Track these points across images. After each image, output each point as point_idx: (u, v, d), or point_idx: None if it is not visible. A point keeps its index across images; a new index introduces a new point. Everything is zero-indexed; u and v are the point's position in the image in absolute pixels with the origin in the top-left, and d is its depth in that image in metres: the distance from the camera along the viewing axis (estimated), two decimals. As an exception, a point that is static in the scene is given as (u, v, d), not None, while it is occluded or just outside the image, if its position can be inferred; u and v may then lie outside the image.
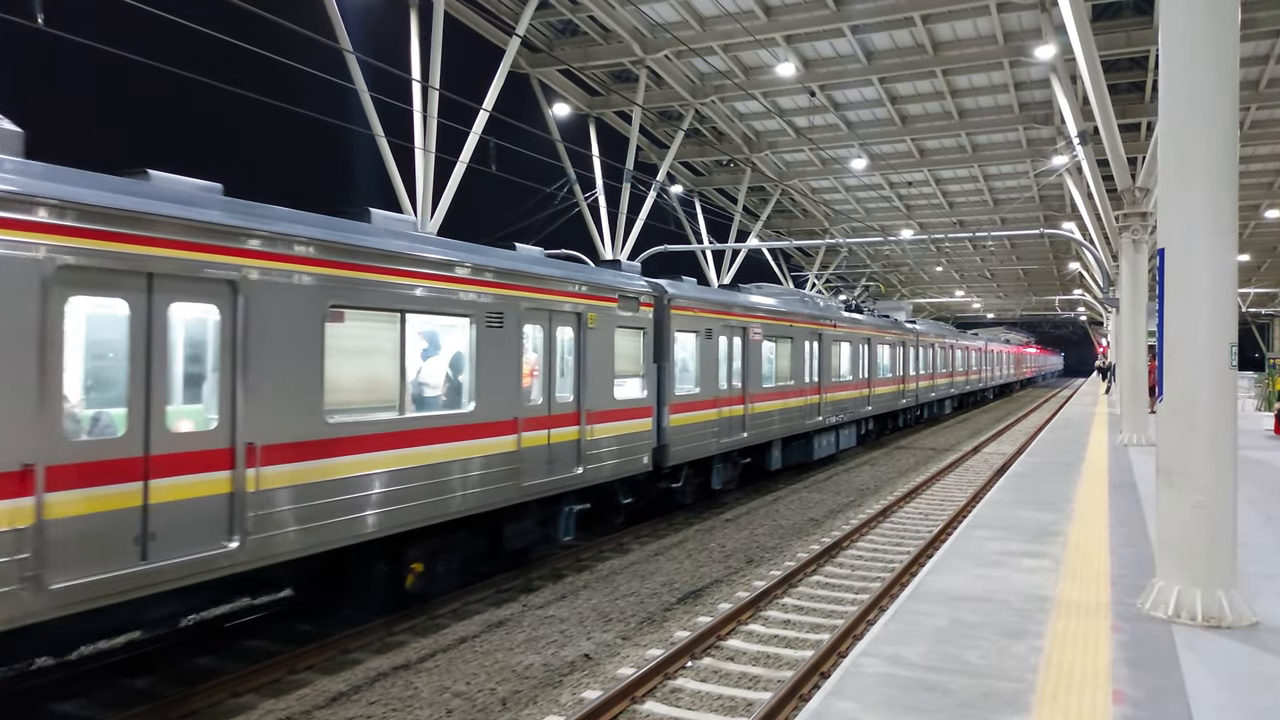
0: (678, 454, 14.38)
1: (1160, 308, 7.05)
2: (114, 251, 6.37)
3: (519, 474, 10.49)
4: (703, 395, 15.23)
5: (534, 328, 11.06)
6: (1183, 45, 6.89)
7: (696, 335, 15.20)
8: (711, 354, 15.68)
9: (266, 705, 7.54)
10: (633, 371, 13.21)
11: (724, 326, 16.23)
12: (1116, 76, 23.16)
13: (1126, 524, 10.74)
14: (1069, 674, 5.80)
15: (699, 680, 8.08)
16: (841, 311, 24.60)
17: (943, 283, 67.61)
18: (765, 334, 18.06)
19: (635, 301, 13.13)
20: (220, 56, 31.44)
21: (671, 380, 14.21)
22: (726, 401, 16.14)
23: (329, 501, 8.04)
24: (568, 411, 11.54)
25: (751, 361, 17.24)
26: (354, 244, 8.43)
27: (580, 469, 11.66)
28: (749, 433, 17.08)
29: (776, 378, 18.74)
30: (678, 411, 14.36)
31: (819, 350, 21.38)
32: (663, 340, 14.12)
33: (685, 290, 15.17)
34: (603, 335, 12.23)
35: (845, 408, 23.36)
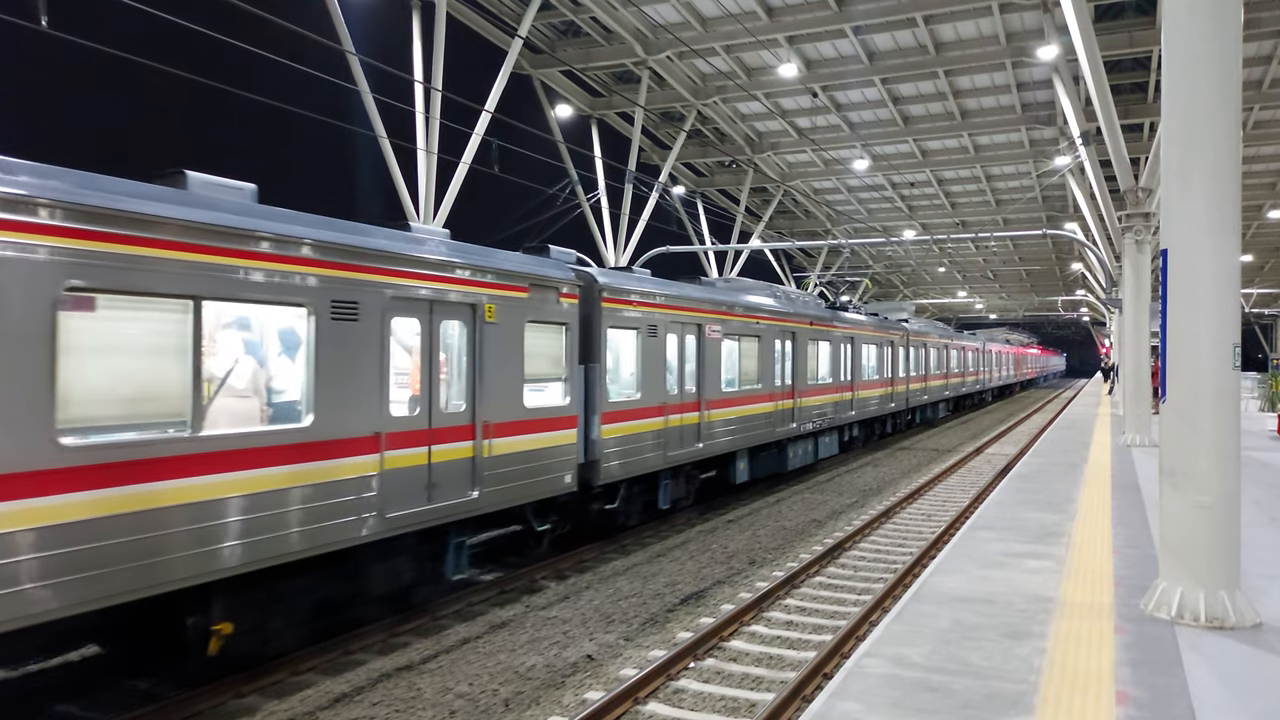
0: (612, 470, 12.50)
1: (1163, 308, 7.04)
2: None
3: (382, 503, 8.48)
4: (645, 401, 13.34)
5: (406, 321, 9.15)
6: (1185, 45, 6.88)
7: (637, 332, 13.25)
8: (657, 354, 13.73)
9: (270, 706, 7.54)
10: (551, 375, 11.44)
11: (673, 323, 14.28)
12: (1119, 77, 23.17)
13: (1129, 525, 10.73)
14: (1072, 675, 5.79)
15: (702, 681, 8.07)
16: (821, 308, 22.82)
17: (945, 283, 67.60)
18: (726, 332, 16.13)
19: (554, 292, 11.23)
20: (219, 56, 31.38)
21: (603, 385, 12.32)
22: (677, 408, 14.35)
23: (58, 554, 6.00)
24: (459, 424, 9.60)
25: (709, 363, 15.34)
26: (110, 208, 6.36)
27: (476, 493, 9.74)
28: (706, 443, 15.25)
29: (741, 381, 16.90)
30: (612, 421, 12.46)
31: (792, 350, 19.53)
32: (592, 338, 12.20)
33: (621, 280, 13.15)
34: (508, 332, 10.33)
35: (824, 413, 21.49)
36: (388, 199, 19.13)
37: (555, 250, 12.20)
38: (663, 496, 14.35)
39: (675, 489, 14.87)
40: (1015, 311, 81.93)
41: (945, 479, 20.96)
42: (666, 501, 14.46)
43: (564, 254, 12.40)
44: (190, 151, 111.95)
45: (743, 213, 36.16)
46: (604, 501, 12.93)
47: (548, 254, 12.03)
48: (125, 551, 6.43)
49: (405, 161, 18.85)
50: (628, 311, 13.06)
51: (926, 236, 34.83)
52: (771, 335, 18.33)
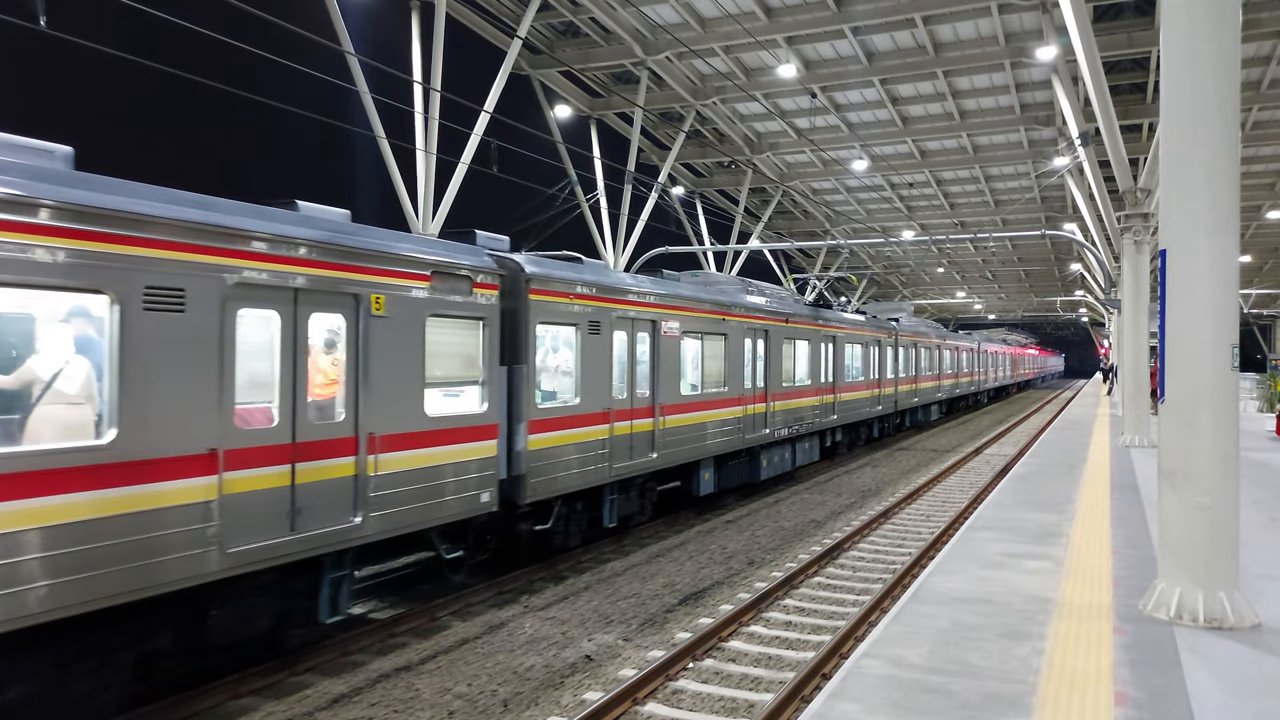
0: (543, 486, 11.05)
1: (1162, 309, 7.04)
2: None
3: (222, 535, 7.01)
4: (586, 407, 11.91)
5: (259, 314, 7.64)
6: (1184, 46, 6.88)
7: (576, 329, 11.83)
8: (600, 354, 12.28)
9: (268, 707, 7.54)
10: (464, 378, 10.04)
11: (620, 319, 12.85)
12: (1118, 77, 23.18)
13: (1128, 525, 10.73)
14: (1071, 676, 5.79)
15: (700, 682, 8.07)
16: (799, 304, 21.40)
17: (944, 284, 67.62)
18: (686, 329, 14.70)
19: (465, 281, 9.74)
20: (219, 57, 31.38)
21: (532, 389, 10.91)
22: (626, 414, 12.92)
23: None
24: (336, 437, 8.13)
25: (665, 363, 13.93)
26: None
27: (359, 518, 8.27)
28: (663, 453, 13.84)
29: (704, 383, 15.50)
30: (543, 430, 11.05)
31: (765, 350, 18.14)
32: (518, 335, 10.78)
33: (554, 270, 11.58)
34: (402, 327, 8.87)
35: (802, 417, 20.07)
36: (386, 200, 19.14)
37: (484, 236, 10.98)
38: (608, 513, 12.77)
39: (625, 504, 13.35)
40: (1014, 312, 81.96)
41: (944, 479, 20.96)
42: (613, 519, 12.88)
43: (494, 240, 11.14)
44: (187, 151, 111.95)
45: (742, 213, 36.17)
46: (535, 521, 11.37)
47: (473, 239, 10.80)
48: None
49: (404, 162, 18.85)
50: (564, 305, 11.56)
51: (925, 237, 34.81)
52: (740, 333, 16.92)
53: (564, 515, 11.93)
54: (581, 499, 12.28)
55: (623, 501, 13.26)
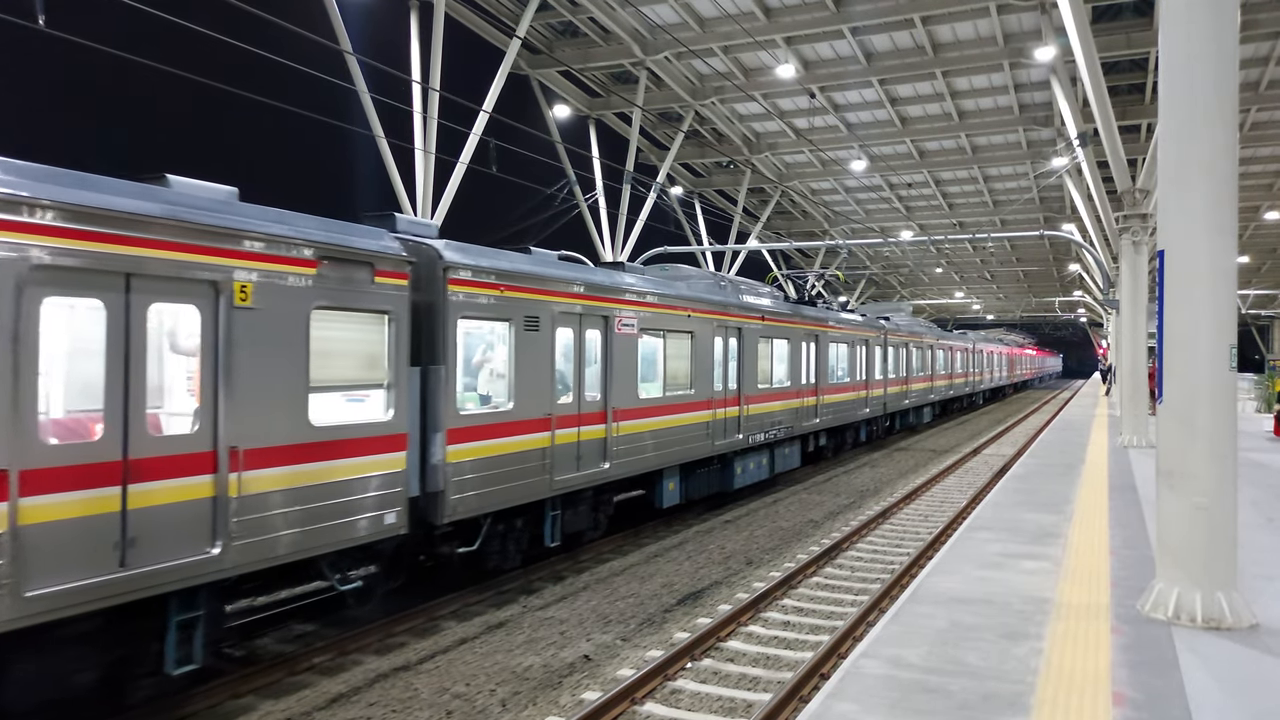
0: (465, 503, 9.75)
1: (1160, 309, 7.05)
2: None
3: (14, 578, 5.77)
4: (521, 413, 10.65)
5: (69, 303, 6.55)
6: (1183, 47, 6.89)
7: (509, 325, 10.55)
8: (539, 353, 11.00)
9: (266, 706, 7.54)
10: (363, 380, 8.77)
11: (564, 314, 11.57)
12: (1116, 78, 23.20)
13: (1127, 526, 10.74)
14: (1069, 676, 5.80)
15: (699, 681, 8.08)
16: (779, 302, 20.13)
17: (943, 284, 67.68)
18: (644, 326, 13.46)
19: (364, 269, 8.46)
20: (218, 57, 31.44)
21: (451, 393, 9.61)
22: (572, 421, 11.66)
23: None
24: (187, 452, 6.86)
25: (619, 364, 12.68)
26: None
27: (217, 548, 6.99)
28: (616, 462, 12.54)
29: (667, 385, 14.17)
30: (466, 439, 9.76)
31: (738, 349, 16.88)
32: (434, 331, 9.53)
33: (479, 257, 10.20)
34: (277, 321, 7.59)
35: (780, 421, 18.78)
36: (386, 199, 19.14)
37: (406, 220, 9.83)
38: (550, 531, 11.49)
39: (573, 519, 12.04)
40: (1013, 312, 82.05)
41: (942, 480, 20.97)
42: (556, 537, 11.58)
43: (419, 225, 10.00)
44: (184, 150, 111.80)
45: (740, 213, 36.20)
46: (459, 542, 10.14)
47: (392, 223, 9.63)
48: None
49: (403, 162, 18.86)
50: (492, 298, 10.23)
51: (924, 237, 34.85)
52: (708, 331, 15.57)
53: (497, 534, 10.64)
54: (521, 515, 10.99)
55: (569, 517, 11.93)
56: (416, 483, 9.27)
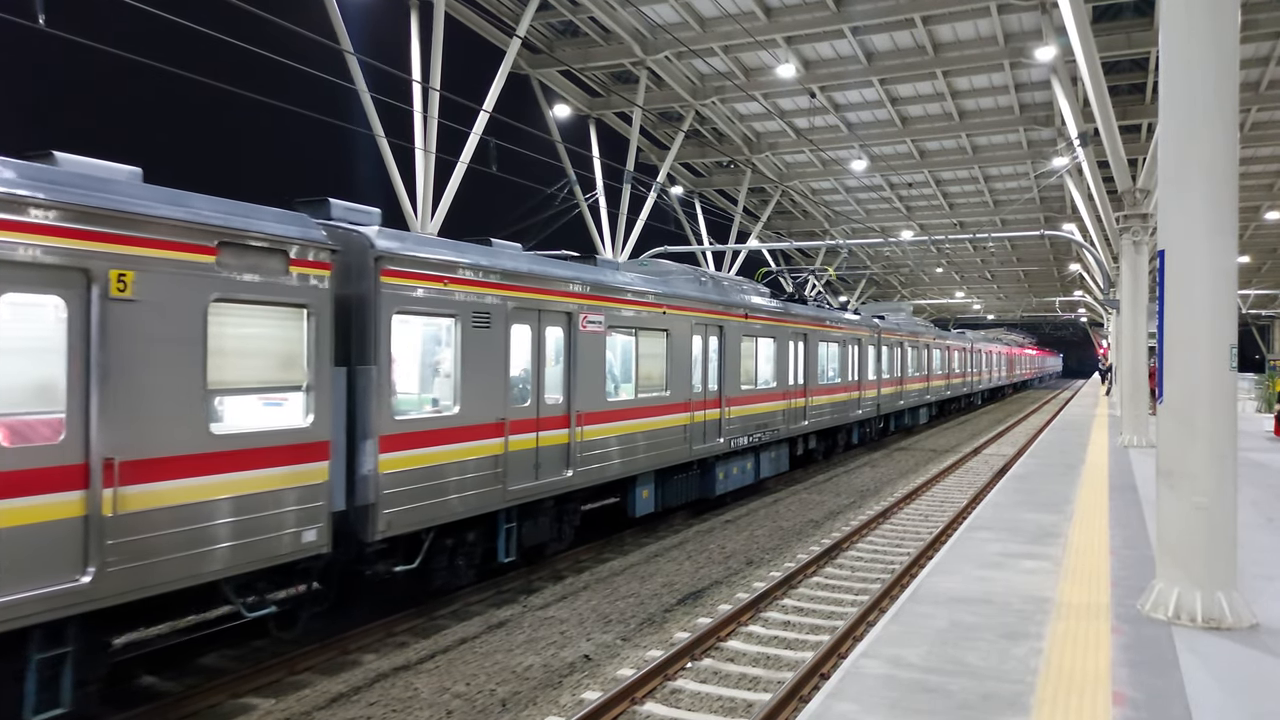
0: (403, 517, 8.88)
1: (1160, 309, 7.05)
2: None
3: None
4: (469, 417, 9.79)
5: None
6: (1183, 47, 6.89)
7: (456, 321, 9.69)
8: (490, 352, 10.12)
9: (266, 706, 7.54)
10: (275, 381, 7.81)
11: (521, 310, 10.70)
12: (1117, 78, 23.19)
13: (1127, 526, 10.74)
14: (1069, 676, 5.80)
15: (699, 681, 8.08)
16: (765, 299, 19.07)
17: (943, 284, 67.68)
18: (614, 324, 12.65)
19: (277, 258, 7.59)
20: (219, 56, 31.63)
21: (386, 396, 8.72)
22: (529, 425, 10.80)
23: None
24: (48, 465, 6.00)
25: (585, 364, 11.90)
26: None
27: (88, 576, 6.13)
28: (581, 470, 11.74)
29: (639, 387, 13.37)
30: (402, 447, 8.89)
31: (719, 348, 16.03)
32: (365, 328, 8.66)
33: (421, 248, 9.33)
34: (166, 315, 6.69)
35: (766, 424, 17.97)
36: (386, 199, 19.14)
37: (342, 205, 9.08)
38: (503, 545, 10.61)
39: (532, 531, 11.19)
40: (1013, 312, 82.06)
41: (943, 480, 20.98)
42: (512, 552, 10.73)
43: (358, 212, 9.20)
44: (182, 149, 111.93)
45: (741, 213, 36.20)
46: (396, 560, 9.25)
47: (327, 209, 8.95)
48: None
49: (404, 161, 18.86)
50: (434, 291, 9.36)
51: (924, 237, 34.84)
52: (685, 329, 14.73)
53: (445, 549, 9.81)
54: (471, 528, 10.16)
55: (528, 529, 11.10)
56: (342, 496, 8.42)
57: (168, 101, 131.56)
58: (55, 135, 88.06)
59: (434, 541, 9.58)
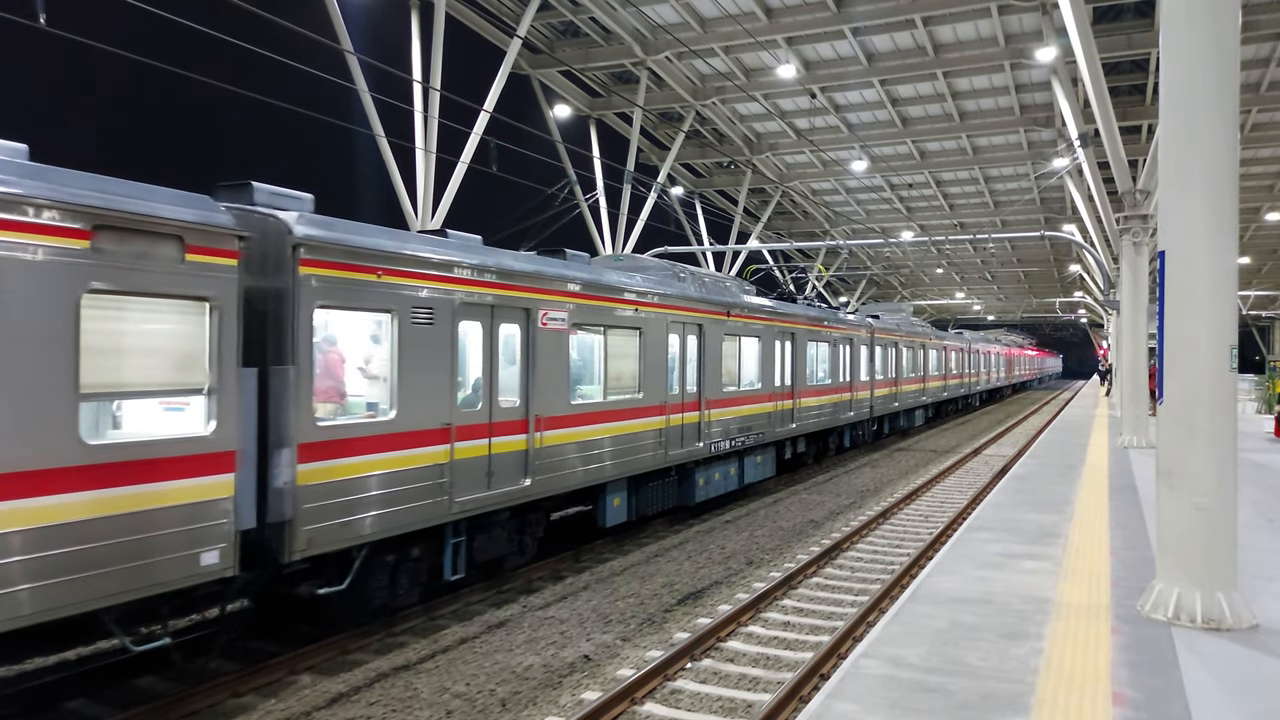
0: (327, 534, 7.98)
1: (1160, 310, 7.06)
2: None
3: None
4: (408, 423, 8.91)
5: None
6: (1183, 48, 6.90)
7: (392, 317, 8.81)
8: (434, 352, 9.27)
9: (266, 705, 7.55)
10: (171, 385, 6.89)
11: (469, 306, 9.80)
12: (1117, 79, 23.21)
13: (1127, 526, 10.75)
14: (1069, 676, 5.80)
15: (699, 682, 8.08)
16: (749, 296, 18.18)
17: (944, 285, 67.69)
18: (580, 322, 11.82)
19: (170, 244, 6.69)
20: (219, 56, 31.71)
21: (307, 400, 7.84)
22: (479, 431, 9.91)
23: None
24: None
25: (545, 364, 11.01)
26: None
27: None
28: (540, 478, 10.83)
29: (608, 389, 12.56)
30: (328, 456, 8.01)
31: (699, 348, 15.22)
32: (281, 324, 7.78)
33: (350, 235, 8.36)
34: (21, 306, 5.85)
35: (750, 427, 17.19)
36: (387, 199, 19.15)
37: (266, 190, 8.16)
38: (450, 561, 9.77)
39: (485, 545, 10.36)
40: (1014, 313, 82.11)
41: (943, 480, 20.98)
42: (460, 569, 9.89)
43: (284, 196, 8.27)
44: (184, 152, 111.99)
45: (741, 213, 36.20)
46: (320, 581, 8.32)
47: (249, 194, 8.03)
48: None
49: (404, 161, 18.87)
50: (366, 284, 8.49)
51: (925, 238, 34.85)
52: (661, 328, 13.89)
53: (383, 567, 8.98)
54: (415, 543, 9.33)
55: (481, 542, 10.27)
56: (252, 511, 7.45)
57: (170, 103, 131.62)
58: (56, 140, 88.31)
59: (370, 559, 8.75)
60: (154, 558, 6.59)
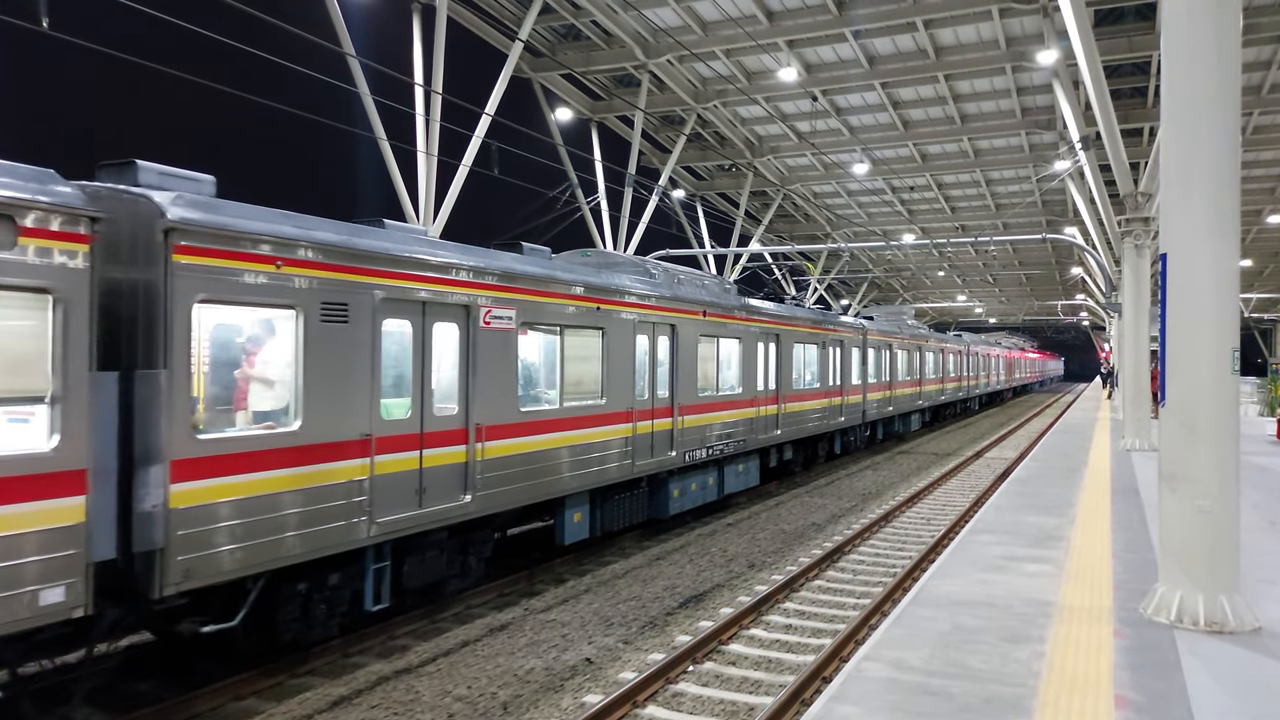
0: (211, 563, 6.96)
1: (1162, 313, 7.05)
2: None
3: None
4: (312, 435, 7.83)
5: None
6: (1184, 50, 6.90)
7: (296, 314, 7.78)
8: (349, 354, 8.22)
9: (268, 709, 7.55)
10: (5, 393, 6.16)
11: (392, 301, 8.76)
12: (1118, 81, 23.20)
13: (1129, 529, 10.73)
14: (1071, 679, 5.79)
15: (700, 685, 8.08)
16: (729, 296, 17.31)
17: (945, 288, 67.67)
18: (529, 320, 10.87)
19: (2, 225, 5.76)
20: (222, 59, 31.69)
21: (184, 409, 6.82)
22: (406, 443, 8.88)
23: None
24: None
25: (487, 367, 10.02)
26: None
27: None
28: (481, 494, 9.82)
29: (564, 394, 11.60)
30: (209, 474, 6.96)
31: (672, 349, 14.34)
32: (153, 321, 6.75)
33: (236, 219, 7.31)
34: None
35: (729, 435, 16.27)
36: (388, 202, 19.17)
37: (153, 169, 7.14)
38: (371, 590, 8.71)
39: (416, 570, 9.32)
40: (1015, 316, 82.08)
41: (945, 483, 20.96)
42: (384, 598, 8.84)
43: (175, 177, 7.24)
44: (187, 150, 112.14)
45: (742, 216, 36.21)
46: (205, 617, 7.33)
47: (133, 172, 7.07)
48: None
49: (406, 164, 18.88)
50: (261, 275, 7.41)
51: (926, 240, 34.84)
52: (627, 328, 12.98)
53: (289, 599, 7.94)
54: (333, 569, 8.30)
55: (411, 567, 9.26)
56: (111, 540, 6.40)
57: (166, 105, 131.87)
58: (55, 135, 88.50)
59: (276, 589, 7.81)
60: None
